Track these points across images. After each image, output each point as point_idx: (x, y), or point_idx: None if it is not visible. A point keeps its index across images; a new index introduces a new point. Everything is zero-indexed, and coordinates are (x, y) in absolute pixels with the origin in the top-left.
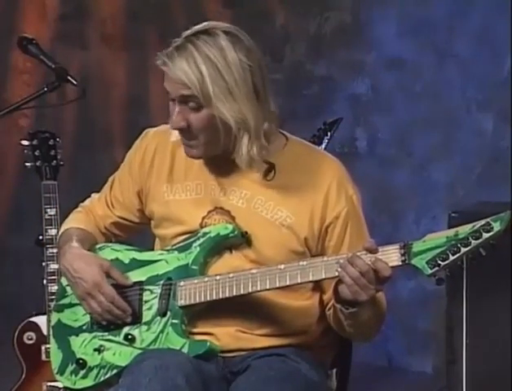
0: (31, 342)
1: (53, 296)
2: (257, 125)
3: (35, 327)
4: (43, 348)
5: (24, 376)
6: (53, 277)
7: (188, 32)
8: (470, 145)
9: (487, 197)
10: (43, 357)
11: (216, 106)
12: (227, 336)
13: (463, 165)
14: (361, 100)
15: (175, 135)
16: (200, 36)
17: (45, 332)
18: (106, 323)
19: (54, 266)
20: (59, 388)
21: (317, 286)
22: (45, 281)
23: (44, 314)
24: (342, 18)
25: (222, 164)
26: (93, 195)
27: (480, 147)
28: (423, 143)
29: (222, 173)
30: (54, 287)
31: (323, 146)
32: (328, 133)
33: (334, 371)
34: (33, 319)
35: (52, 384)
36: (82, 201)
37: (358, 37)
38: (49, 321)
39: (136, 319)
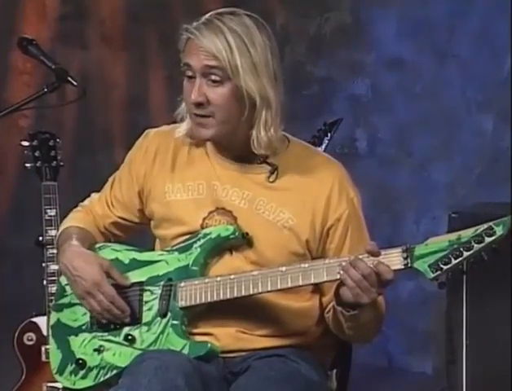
0: (31, 343)
1: (53, 297)
2: (277, 104)
3: (35, 328)
4: (43, 348)
5: (23, 377)
6: (53, 278)
7: (211, 12)
8: (470, 145)
9: (487, 197)
10: (43, 357)
11: (243, 78)
12: (227, 336)
13: (463, 166)
14: (361, 100)
15: (181, 130)
16: (225, 15)
17: (45, 333)
18: (106, 323)
19: (54, 267)
20: (59, 389)
21: (317, 288)
22: (45, 282)
23: (44, 314)
24: (342, 18)
25: (224, 164)
26: (93, 194)
27: (480, 147)
28: (423, 144)
29: (224, 174)
30: (54, 288)
31: (323, 146)
32: (329, 134)
33: (334, 371)
34: (33, 320)
35: (52, 384)
36: (82, 202)
37: (358, 37)
38: (49, 323)
39: (136, 320)
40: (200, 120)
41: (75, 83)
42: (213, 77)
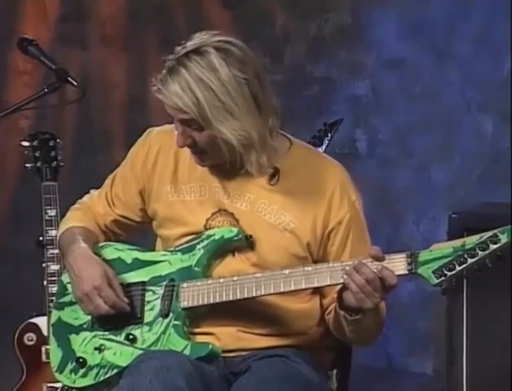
0: (31, 343)
1: (53, 297)
2: (262, 137)
3: (35, 328)
4: (43, 349)
5: (24, 377)
6: (53, 278)
7: (180, 49)
8: (470, 146)
9: (487, 198)
10: (43, 358)
11: (216, 128)
12: (227, 335)
13: (463, 166)
14: (361, 101)
15: None
16: (192, 56)
17: (45, 333)
18: (107, 322)
19: (54, 267)
20: (58, 389)
21: (317, 290)
22: (45, 282)
23: (44, 315)
24: (342, 19)
25: (226, 167)
26: (92, 191)
27: (480, 147)
28: (423, 144)
29: (226, 176)
30: (54, 288)
31: (323, 147)
32: (329, 135)
33: (334, 372)
34: (34, 320)
35: (52, 385)
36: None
37: (358, 38)
38: (49, 321)
39: (138, 319)
40: (195, 154)
41: (75, 84)
42: (192, 126)
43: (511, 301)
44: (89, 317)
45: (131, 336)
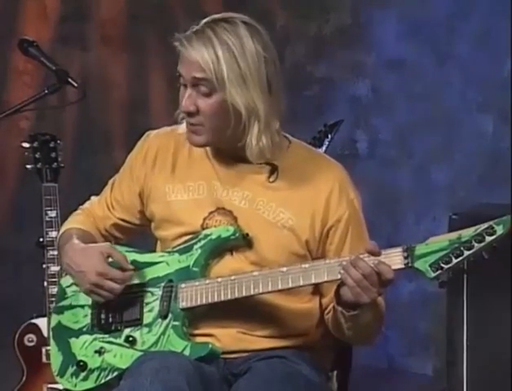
0: (31, 344)
1: (53, 298)
2: (267, 116)
3: (35, 329)
4: (44, 350)
5: (24, 378)
6: (53, 279)
7: (207, 19)
8: (471, 146)
9: (487, 198)
10: (44, 359)
11: (229, 91)
12: (227, 337)
13: (463, 167)
14: (361, 102)
15: (181, 131)
16: (220, 23)
17: (45, 334)
18: (107, 325)
19: (54, 268)
20: None
21: (317, 289)
22: (45, 283)
23: (44, 316)
24: (342, 19)
25: (224, 164)
26: (92, 197)
27: (480, 148)
28: (423, 145)
29: (224, 174)
30: (54, 290)
31: (323, 148)
32: (329, 135)
33: (335, 372)
34: (34, 321)
35: (53, 386)
36: (83, 203)
37: (358, 38)
38: (49, 323)
39: (137, 321)
40: (192, 128)
41: (75, 84)
42: (202, 89)
43: (511, 302)
44: (88, 320)
45: (131, 338)
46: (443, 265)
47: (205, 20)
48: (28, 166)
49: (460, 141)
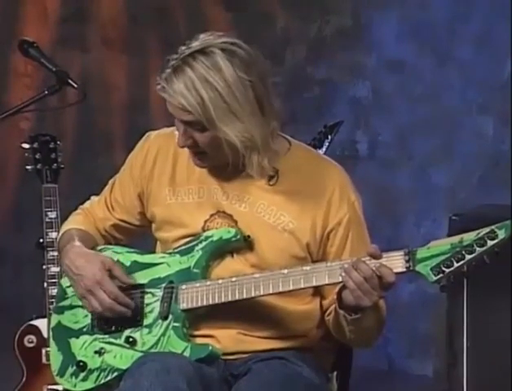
0: (31, 345)
1: (53, 299)
2: (264, 139)
3: (35, 330)
4: (44, 351)
5: (24, 379)
6: (53, 280)
7: (185, 49)
8: (471, 148)
9: (487, 200)
10: (44, 360)
11: (220, 128)
12: (228, 338)
13: (463, 168)
14: (362, 103)
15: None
16: (197, 56)
17: (45, 335)
18: (107, 325)
19: (54, 269)
20: None
21: (317, 291)
22: (45, 284)
23: (44, 317)
24: (343, 21)
25: (225, 168)
26: (92, 197)
27: (481, 150)
28: (424, 146)
29: (225, 178)
30: (54, 290)
31: (323, 149)
32: (329, 137)
33: (335, 374)
34: (34, 322)
35: (53, 387)
36: (82, 204)
37: (358, 39)
38: (49, 324)
39: (137, 322)
40: (193, 155)
41: (75, 85)
42: (195, 126)
43: (511, 302)
44: (88, 320)
45: (131, 339)
46: (444, 268)
47: (182, 52)
48: (29, 167)
49: (460, 142)
